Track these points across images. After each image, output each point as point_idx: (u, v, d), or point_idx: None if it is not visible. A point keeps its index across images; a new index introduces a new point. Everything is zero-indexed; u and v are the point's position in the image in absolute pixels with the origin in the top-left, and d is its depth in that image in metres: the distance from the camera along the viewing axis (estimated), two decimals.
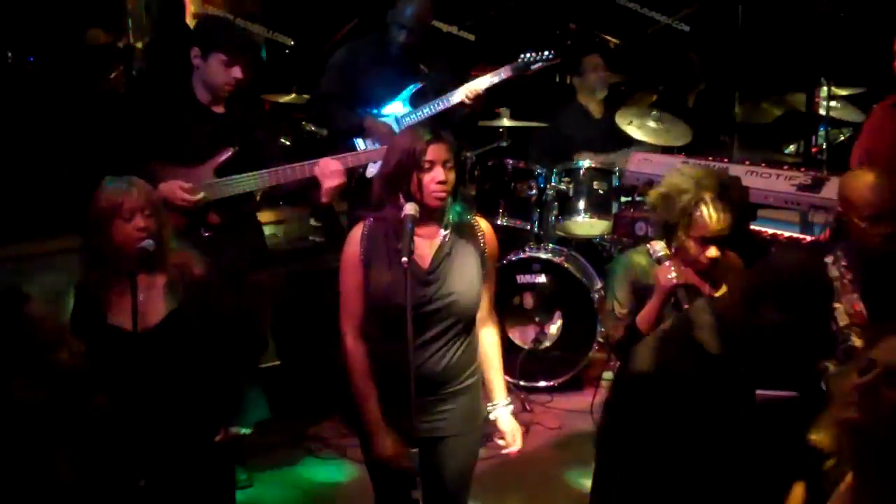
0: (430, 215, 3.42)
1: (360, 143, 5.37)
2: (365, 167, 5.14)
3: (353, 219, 4.81)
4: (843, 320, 3.72)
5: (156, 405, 3.52)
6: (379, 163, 4.30)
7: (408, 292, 3.23)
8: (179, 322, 3.57)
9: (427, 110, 5.38)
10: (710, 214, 3.49)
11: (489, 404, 3.60)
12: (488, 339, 3.58)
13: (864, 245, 3.64)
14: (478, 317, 3.51)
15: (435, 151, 3.37)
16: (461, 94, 5.34)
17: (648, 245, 3.63)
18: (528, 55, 5.46)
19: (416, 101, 5.44)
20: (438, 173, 3.36)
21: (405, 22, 5.38)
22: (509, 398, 3.62)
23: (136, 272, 3.43)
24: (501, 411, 3.58)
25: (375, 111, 5.46)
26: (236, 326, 3.79)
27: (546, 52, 5.46)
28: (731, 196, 3.54)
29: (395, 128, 5.36)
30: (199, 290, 3.62)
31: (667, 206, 3.58)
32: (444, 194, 3.38)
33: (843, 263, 3.68)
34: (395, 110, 5.46)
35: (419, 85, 5.45)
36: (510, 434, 3.57)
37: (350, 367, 3.47)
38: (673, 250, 3.59)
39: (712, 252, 3.52)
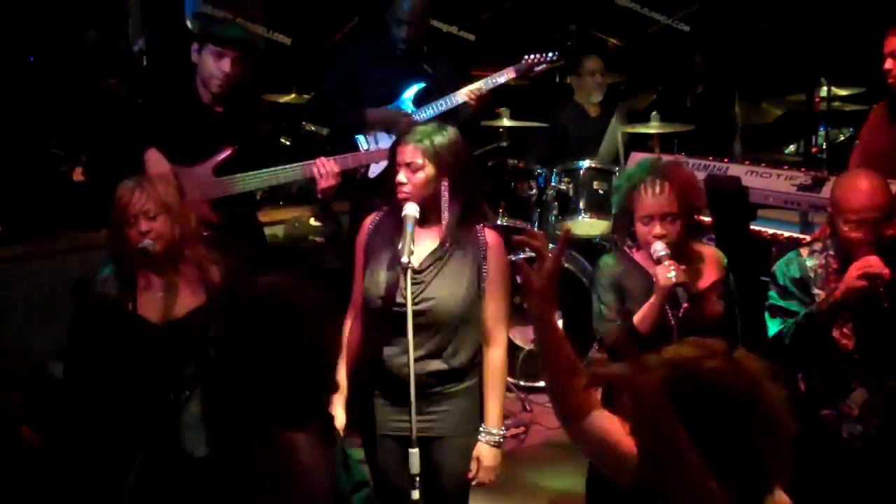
0: (433, 218, 3.44)
1: (361, 140, 5.34)
2: (367, 168, 5.12)
3: (355, 220, 4.82)
4: None
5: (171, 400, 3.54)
6: (383, 163, 4.35)
7: (407, 292, 3.27)
8: (205, 318, 3.55)
9: (430, 111, 5.34)
10: (646, 191, 3.54)
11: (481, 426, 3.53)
12: (490, 358, 3.53)
13: (844, 245, 3.66)
14: (482, 331, 3.51)
15: (400, 153, 3.44)
16: (465, 94, 5.31)
17: (650, 244, 3.63)
18: (531, 56, 5.45)
19: (420, 101, 5.41)
20: (399, 175, 3.41)
21: (404, 17, 5.36)
22: (499, 430, 3.52)
23: (137, 270, 3.50)
24: (481, 443, 3.51)
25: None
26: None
27: (550, 54, 5.46)
28: (673, 176, 3.55)
29: None
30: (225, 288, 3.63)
31: (618, 193, 3.68)
32: (401, 195, 3.40)
33: (832, 253, 3.71)
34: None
35: (423, 84, 5.42)
36: (479, 468, 3.50)
37: None
38: (630, 241, 3.65)
39: (657, 230, 3.53)
